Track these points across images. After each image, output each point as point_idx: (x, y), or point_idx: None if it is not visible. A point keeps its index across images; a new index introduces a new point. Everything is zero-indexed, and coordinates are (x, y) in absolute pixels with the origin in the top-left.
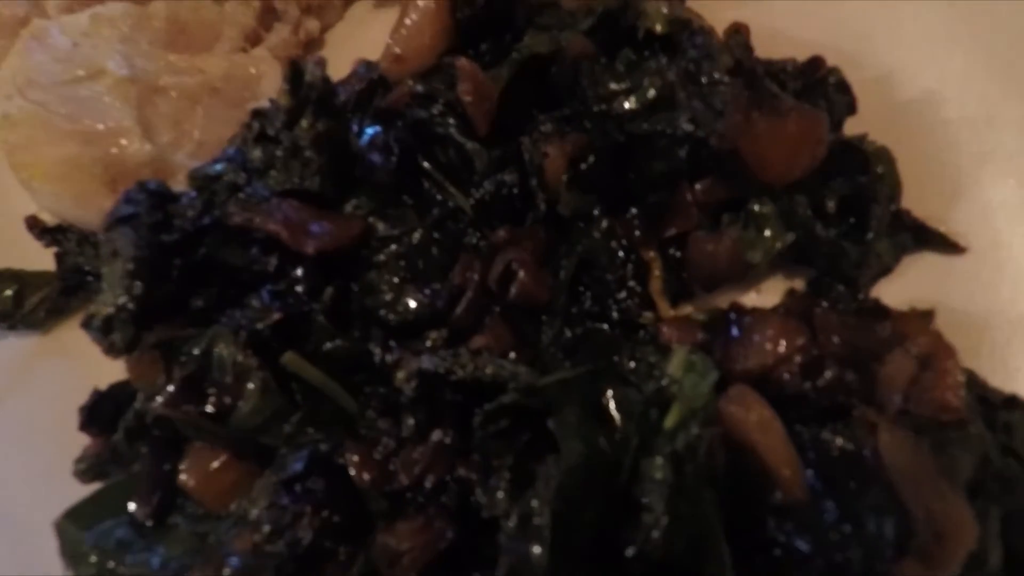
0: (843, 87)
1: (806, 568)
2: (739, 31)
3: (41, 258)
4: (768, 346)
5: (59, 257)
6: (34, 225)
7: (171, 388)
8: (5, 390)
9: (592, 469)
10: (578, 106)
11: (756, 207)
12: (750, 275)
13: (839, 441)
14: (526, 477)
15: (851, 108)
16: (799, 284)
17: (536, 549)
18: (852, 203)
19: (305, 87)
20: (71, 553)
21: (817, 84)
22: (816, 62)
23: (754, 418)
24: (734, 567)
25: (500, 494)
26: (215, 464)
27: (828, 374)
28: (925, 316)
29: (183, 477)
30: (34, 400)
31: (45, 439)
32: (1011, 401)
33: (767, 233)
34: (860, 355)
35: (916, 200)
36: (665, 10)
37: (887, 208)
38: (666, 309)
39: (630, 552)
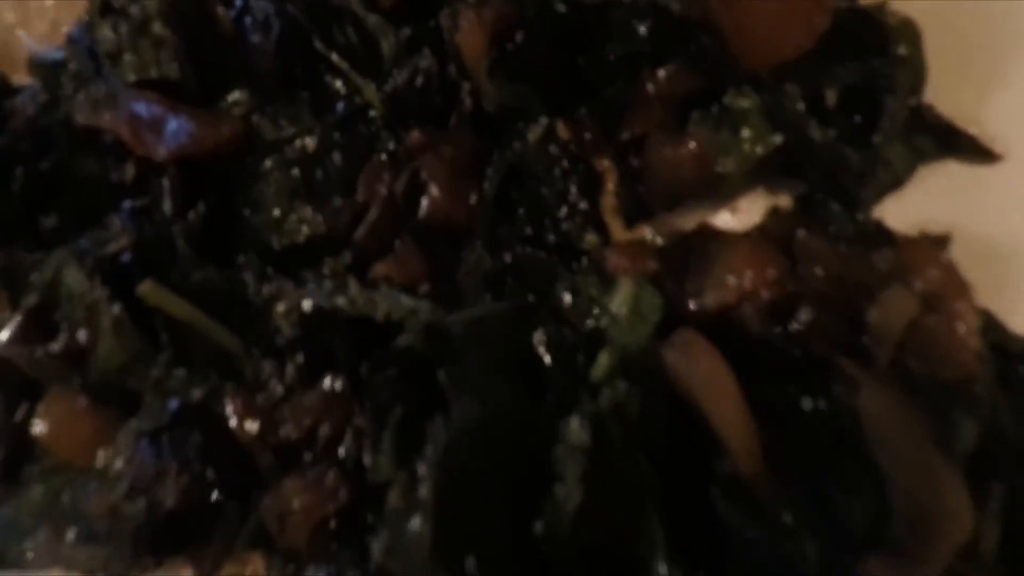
0: None
1: (751, 555)
2: None
3: None
4: (731, 278)
5: None
6: None
7: (15, 324)
8: None
9: (493, 430)
10: None
11: (733, 101)
12: (722, 189)
13: (811, 402)
14: (417, 437)
15: None
16: (786, 202)
17: (416, 525)
18: (859, 95)
19: None
20: None
21: None
22: None
23: (701, 370)
24: (670, 548)
25: (383, 458)
26: (72, 411)
27: (804, 316)
28: (937, 243)
29: (36, 426)
30: None
31: None
32: None
33: (745, 134)
34: (849, 292)
35: (942, 92)
36: None
37: (905, 102)
38: (620, 232)
39: (539, 528)
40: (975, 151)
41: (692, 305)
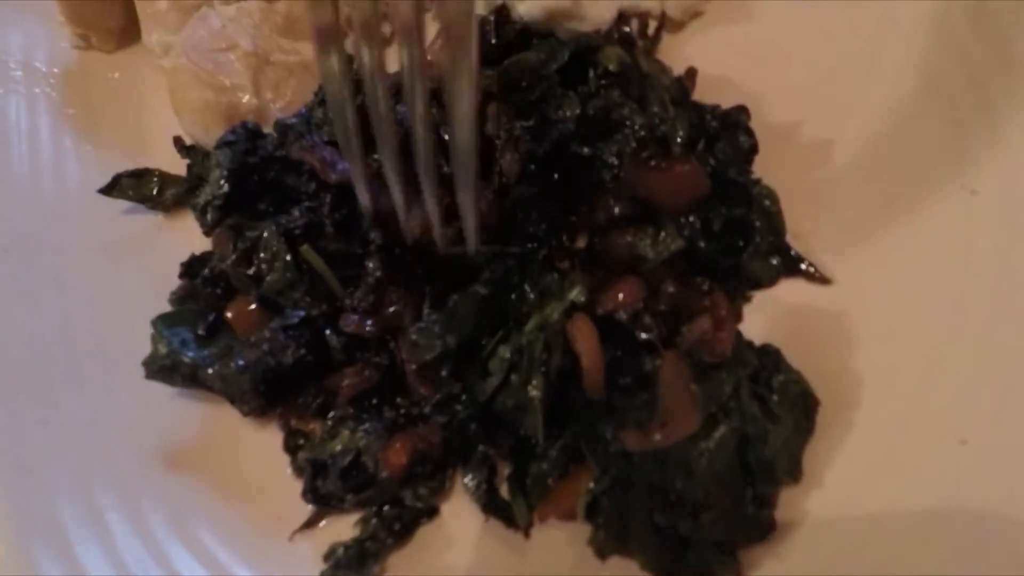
0: (748, 131)
1: (586, 425)
2: (689, 76)
3: (179, 166)
4: (619, 295)
5: (189, 167)
6: (177, 142)
7: (233, 256)
8: (142, 249)
9: (476, 321)
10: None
11: (658, 217)
12: (645, 266)
13: (647, 365)
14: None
15: (754, 149)
16: None
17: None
18: (741, 226)
19: None
20: (155, 339)
21: (732, 126)
22: (738, 109)
23: (581, 333)
24: (546, 422)
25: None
26: (248, 308)
27: (646, 320)
28: (739, 298)
29: (228, 312)
30: (156, 257)
31: (160, 282)
32: (780, 367)
33: (662, 236)
34: (679, 314)
35: (810, 227)
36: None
37: (766, 239)
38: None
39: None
40: (813, 276)
41: (598, 308)
